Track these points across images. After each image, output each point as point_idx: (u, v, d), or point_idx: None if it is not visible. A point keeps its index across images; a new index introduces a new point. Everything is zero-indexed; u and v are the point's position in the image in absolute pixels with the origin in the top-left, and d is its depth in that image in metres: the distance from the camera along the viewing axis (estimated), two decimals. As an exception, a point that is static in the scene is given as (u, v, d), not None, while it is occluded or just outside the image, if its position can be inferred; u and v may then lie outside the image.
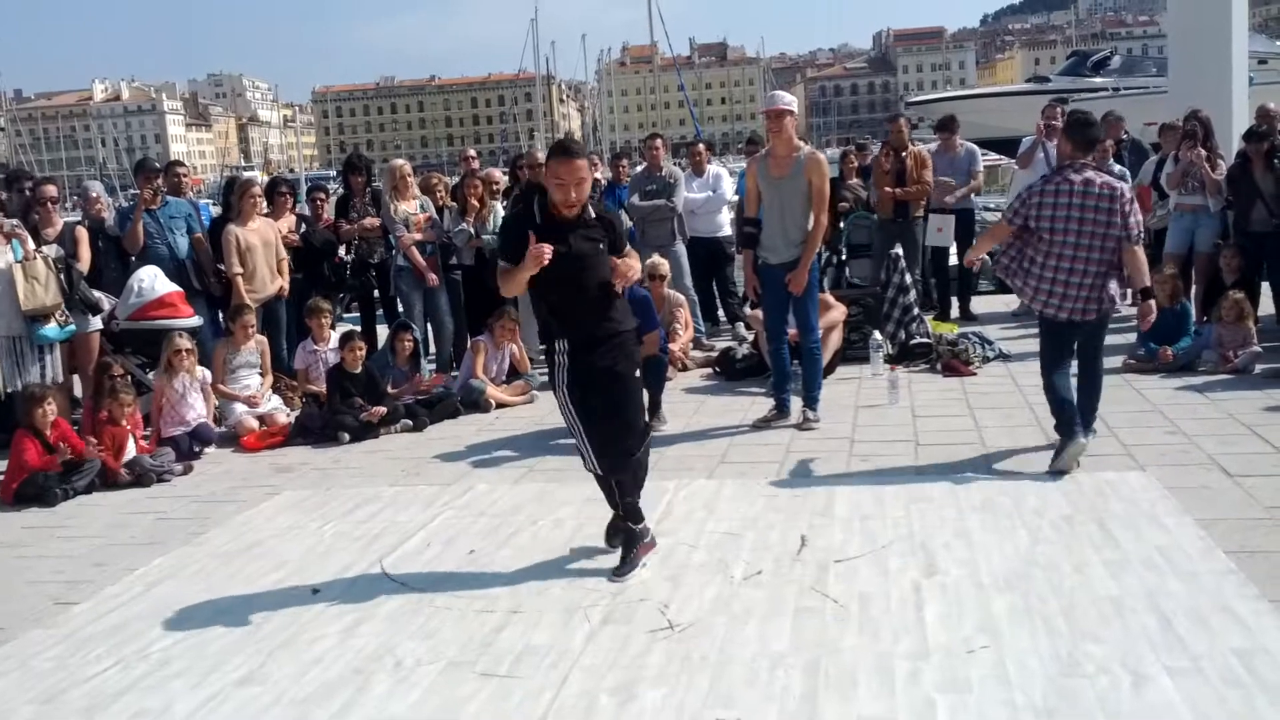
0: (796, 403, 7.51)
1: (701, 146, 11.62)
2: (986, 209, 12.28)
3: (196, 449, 7.72)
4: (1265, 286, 9.60)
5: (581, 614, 4.44)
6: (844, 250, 11.38)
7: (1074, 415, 5.97)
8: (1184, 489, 5.47)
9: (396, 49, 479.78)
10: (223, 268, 9.07)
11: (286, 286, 9.27)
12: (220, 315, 9.31)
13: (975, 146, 11.63)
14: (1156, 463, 5.97)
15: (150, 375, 8.34)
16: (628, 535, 4.99)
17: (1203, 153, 9.46)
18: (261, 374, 8.65)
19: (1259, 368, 7.99)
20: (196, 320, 8.59)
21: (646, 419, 5.33)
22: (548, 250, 4.59)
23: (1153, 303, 6.09)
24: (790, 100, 7.15)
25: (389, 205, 9.52)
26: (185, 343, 7.99)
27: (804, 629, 4.15)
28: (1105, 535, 4.91)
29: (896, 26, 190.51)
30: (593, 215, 4.85)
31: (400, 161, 10.19)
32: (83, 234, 8.55)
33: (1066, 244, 5.90)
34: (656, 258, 9.96)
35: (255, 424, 8.16)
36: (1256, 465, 5.80)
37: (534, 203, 4.85)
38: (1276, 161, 9.23)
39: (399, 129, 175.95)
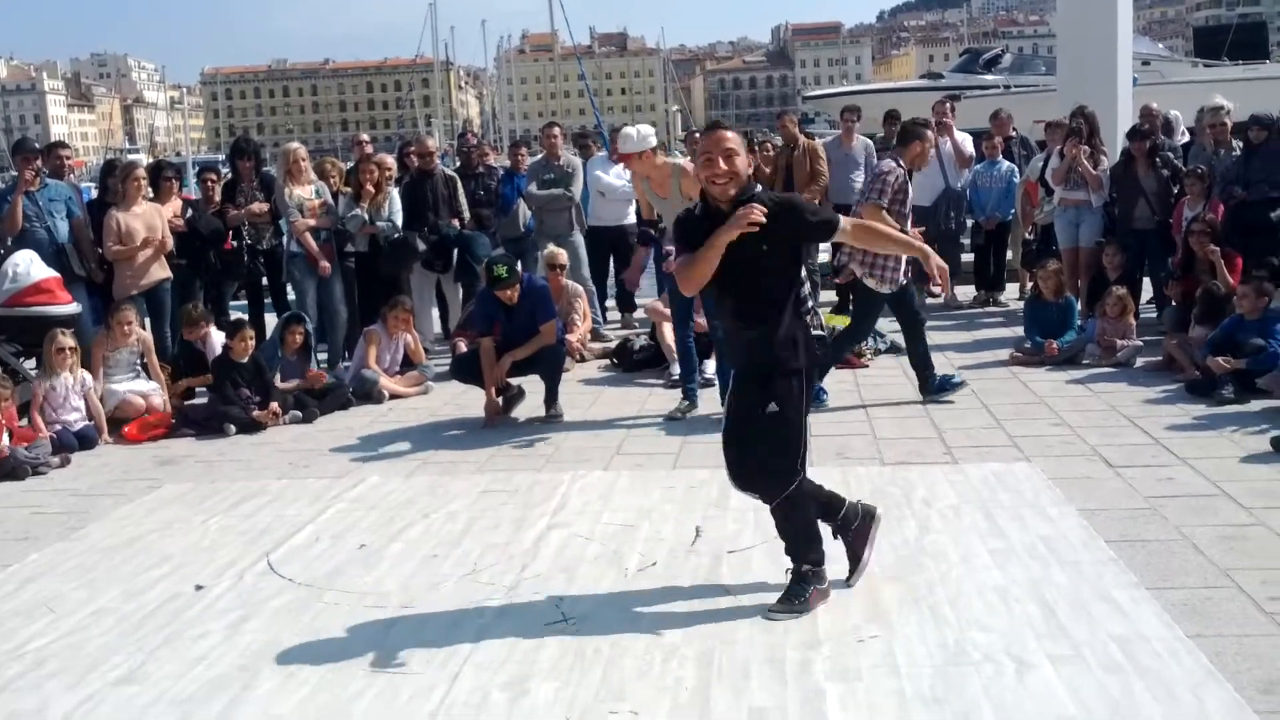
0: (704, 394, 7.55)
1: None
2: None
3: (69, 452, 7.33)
4: (1146, 282, 9.90)
5: (475, 609, 4.39)
6: None
7: None
8: (1067, 479, 5.61)
9: (289, 31, 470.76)
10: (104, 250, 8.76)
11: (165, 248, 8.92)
12: (102, 303, 8.98)
13: (870, 142, 11.77)
14: (1041, 454, 6.11)
15: (25, 364, 8.04)
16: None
17: (1086, 149, 9.70)
18: (145, 369, 8.32)
19: (1140, 361, 8.24)
20: (75, 307, 8.28)
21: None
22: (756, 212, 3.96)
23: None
24: (642, 138, 7.12)
25: (282, 190, 9.30)
26: (68, 341, 7.66)
27: (697, 620, 4.16)
28: (991, 525, 5.01)
29: (794, 21, 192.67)
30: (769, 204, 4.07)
31: (295, 145, 9.95)
32: (-45, 217, 8.20)
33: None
34: (554, 247, 9.92)
35: (141, 403, 7.89)
36: (1137, 456, 5.98)
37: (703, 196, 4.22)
38: (1158, 160, 9.52)
39: (291, 113, 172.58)
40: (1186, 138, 10.88)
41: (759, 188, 4.30)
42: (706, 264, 4.06)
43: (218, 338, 8.67)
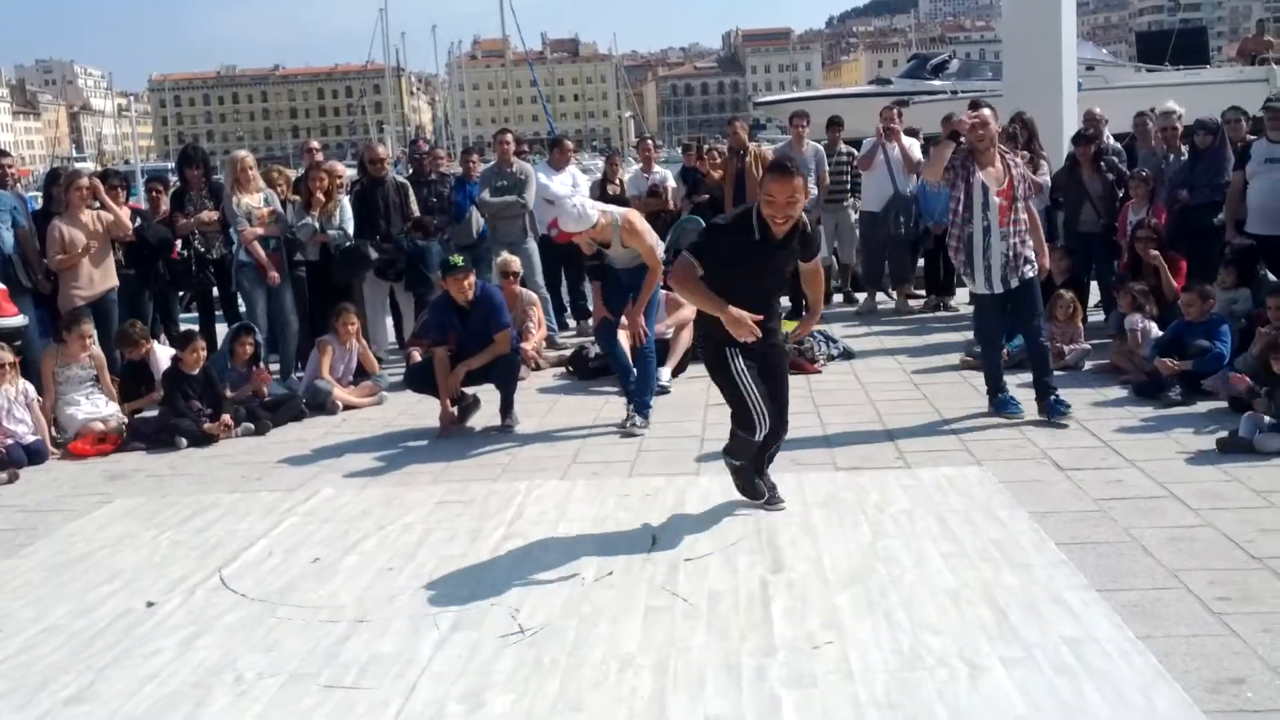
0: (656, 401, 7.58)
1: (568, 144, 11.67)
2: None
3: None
4: (1094, 285, 10.03)
5: (430, 621, 4.37)
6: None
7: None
8: (1018, 483, 5.67)
9: (238, 37, 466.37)
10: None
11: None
12: (49, 314, 8.83)
13: (820, 147, 11.84)
14: (993, 458, 6.17)
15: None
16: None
17: (1025, 154, 9.80)
18: (99, 386, 8.15)
19: (1088, 364, 8.35)
20: (21, 319, 8.15)
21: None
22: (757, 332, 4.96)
23: None
24: (584, 218, 7.16)
25: (230, 198, 9.22)
26: (7, 356, 7.52)
27: (654, 629, 4.17)
28: (944, 529, 5.06)
29: (745, 27, 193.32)
30: (804, 231, 5.20)
31: (242, 153, 9.86)
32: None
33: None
34: (507, 255, 9.90)
35: (100, 428, 7.74)
36: (1086, 459, 6.06)
37: (753, 218, 5.02)
38: (1103, 164, 9.65)
39: (241, 120, 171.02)
40: (1112, 141, 11.03)
41: (804, 219, 5.19)
42: (705, 308, 5.08)
43: (162, 352, 8.55)
